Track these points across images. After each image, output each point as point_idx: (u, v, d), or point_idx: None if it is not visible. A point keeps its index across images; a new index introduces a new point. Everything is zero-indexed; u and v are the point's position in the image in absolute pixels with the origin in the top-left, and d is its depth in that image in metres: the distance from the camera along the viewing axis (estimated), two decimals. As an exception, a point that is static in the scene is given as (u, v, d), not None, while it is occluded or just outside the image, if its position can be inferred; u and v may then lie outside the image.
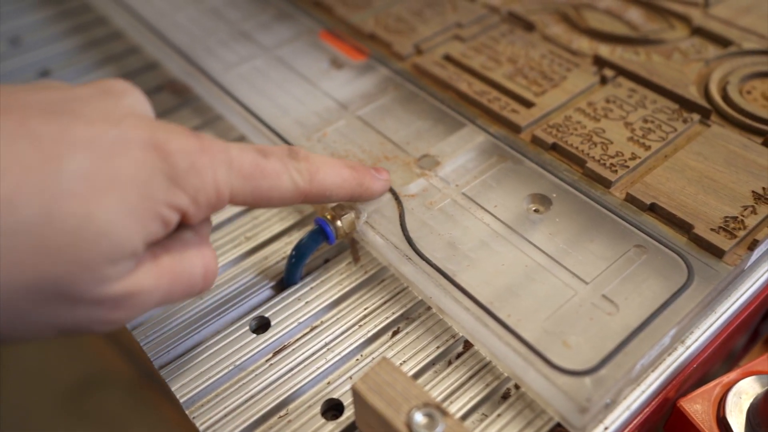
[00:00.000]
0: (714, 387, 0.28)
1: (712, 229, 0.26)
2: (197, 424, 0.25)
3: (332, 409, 0.26)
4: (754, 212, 0.27)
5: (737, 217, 0.27)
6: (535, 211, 0.29)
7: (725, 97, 0.32)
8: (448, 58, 0.36)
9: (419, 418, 0.21)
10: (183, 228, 0.22)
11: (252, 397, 0.26)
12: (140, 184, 0.19)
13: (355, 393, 0.22)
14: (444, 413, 0.22)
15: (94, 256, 0.18)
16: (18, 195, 0.17)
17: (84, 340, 1.11)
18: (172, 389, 0.26)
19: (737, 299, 0.28)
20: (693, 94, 0.32)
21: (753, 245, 0.26)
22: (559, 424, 0.24)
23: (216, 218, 0.32)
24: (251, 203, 0.24)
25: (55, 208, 0.18)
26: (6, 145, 0.17)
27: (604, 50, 0.36)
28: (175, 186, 0.20)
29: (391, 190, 0.29)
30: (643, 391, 0.25)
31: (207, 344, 0.27)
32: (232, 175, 0.22)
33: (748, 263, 0.27)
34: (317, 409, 0.25)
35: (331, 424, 0.25)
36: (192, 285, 0.22)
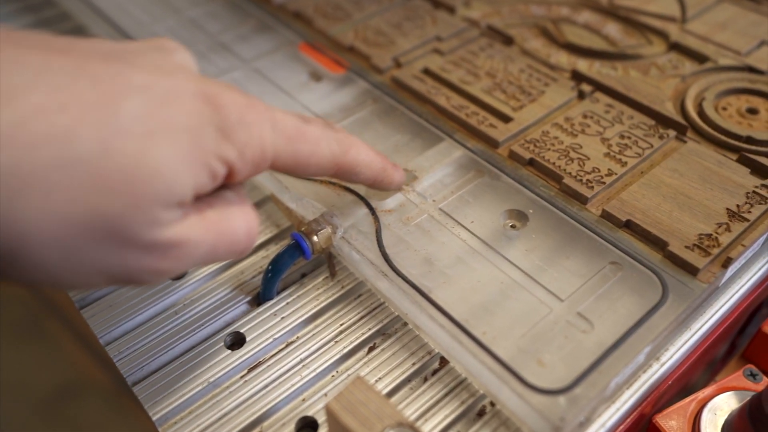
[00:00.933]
0: (689, 403, 0.28)
1: (686, 247, 0.26)
2: (169, 443, 0.25)
3: (307, 426, 0.25)
4: (728, 230, 0.27)
5: (711, 234, 0.27)
6: (511, 227, 0.29)
7: (701, 114, 0.33)
8: (427, 72, 0.36)
9: (392, 437, 0.21)
10: (225, 187, 0.22)
11: (226, 414, 0.25)
12: (192, 132, 0.20)
13: (329, 412, 0.22)
14: (416, 431, 0.21)
15: (147, 196, 0.19)
16: (77, 130, 0.17)
17: (60, 349, 1.09)
18: (145, 406, 0.25)
19: (711, 316, 0.28)
20: (669, 110, 0.33)
21: (727, 263, 0.26)
22: (533, 442, 0.24)
23: (192, 232, 0.32)
24: (291, 167, 0.24)
25: (111, 145, 0.18)
26: (66, 82, 0.18)
27: (583, 65, 0.36)
28: (225, 138, 0.21)
29: (368, 205, 0.29)
30: (618, 409, 0.25)
31: (181, 360, 0.27)
32: (276, 135, 0.22)
33: (723, 280, 0.27)
34: (292, 426, 0.25)
35: (306, 443, 0.25)
36: (236, 242, 0.22)
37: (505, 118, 0.33)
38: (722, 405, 0.28)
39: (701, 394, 0.28)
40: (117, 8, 0.42)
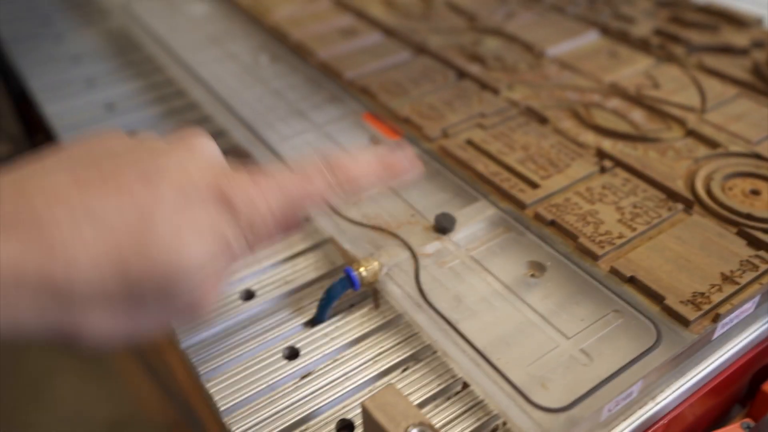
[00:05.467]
0: (686, 446, 0.32)
1: (681, 302, 0.31)
2: (234, 430, 0.30)
3: (345, 428, 0.30)
4: (720, 290, 0.31)
5: (705, 293, 0.31)
6: (531, 275, 0.34)
7: (708, 192, 0.37)
8: (469, 143, 0.42)
9: (415, 433, 0.26)
10: None
11: (279, 411, 0.30)
12: (211, 230, 0.25)
13: (364, 409, 0.27)
14: (434, 431, 0.26)
15: (178, 278, 0.24)
16: (124, 251, 0.23)
17: (121, 381, 1.15)
18: (215, 399, 0.31)
19: (706, 367, 0.32)
20: (680, 187, 0.37)
21: (716, 318, 0.30)
22: (536, 457, 0.28)
23: (263, 263, 0.38)
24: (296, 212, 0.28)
25: (150, 253, 0.23)
26: (111, 212, 0.23)
27: (607, 144, 0.41)
28: (237, 225, 0.26)
29: (410, 249, 0.35)
30: (614, 437, 0.29)
31: (247, 365, 0.32)
32: (280, 198, 0.27)
33: (715, 335, 0.31)
34: (333, 426, 0.30)
35: (343, 440, 0.29)
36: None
37: (534, 185, 0.38)
38: (715, 450, 0.31)
39: (697, 440, 0.32)
40: (215, 77, 0.51)
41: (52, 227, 0.22)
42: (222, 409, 0.31)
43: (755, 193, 0.37)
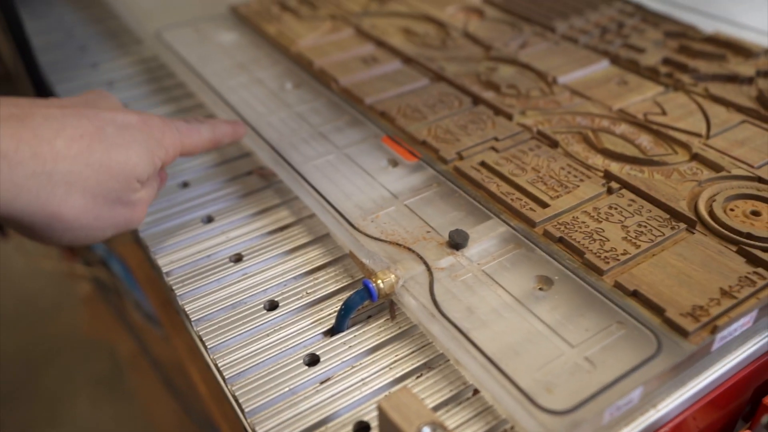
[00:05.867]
0: (688, 454, 0.33)
1: (681, 314, 0.32)
2: (258, 430, 0.32)
3: (362, 429, 0.32)
4: (718, 304, 0.33)
5: (703, 306, 0.33)
6: (539, 289, 0.36)
7: (710, 213, 0.39)
8: (483, 164, 0.44)
9: (426, 431, 0.28)
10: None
11: (300, 413, 0.32)
12: (144, 144, 0.37)
13: (380, 409, 0.29)
14: (446, 430, 0.28)
15: (130, 177, 0.36)
16: (91, 146, 0.34)
17: (139, 404, 1.17)
18: (240, 400, 0.33)
19: (706, 378, 0.33)
20: (683, 207, 0.39)
21: (714, 330, 0.32)
22: (542, 459, 0.30)
23: (286, 275, 0.40)
24: (191, 150, 0.41)
25: (109, 153, 0.35)
26: (77, 123, 0.34)
27: (615, 167, 0.43)
28: (159, 145, 0.38)
29: (425, 263, 0.37)
30: (616, 441, 0.30)
31: (269, 370, 0.34)
32: (179, 135, 0.40)
33: (714, 347, 0.33)
34: (350, 427, 0.32)
35: (360, 440, 0.31)
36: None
37: (543, 204, 0.40)
38: (716, 459, 0.33)
39: (699, 449, 0.33)
40: (242, 102, 0.54)
41: (39, 128, 0.32)
42: (247, 410, 0.33)
43: (756, 214, 0.39)
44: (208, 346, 0.36)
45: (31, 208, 0.32)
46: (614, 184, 0.42)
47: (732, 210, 0.39)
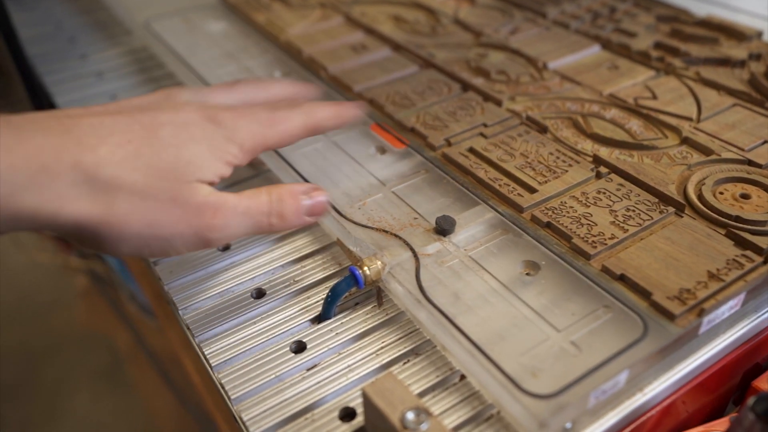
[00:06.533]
0: (677, 438, 0.33)
1: (668, 297, 0.32)
2: (243, 416, 0.32)
3: (348, 416, 0.32)
4: (705, 287, 0.33)
5: (690, 289, 0.33)
6: (527, 274, 0.35)
7: (700, 196, 0.39)
8: (471, 150, 0.44)
9: (410, 416, 0.28)
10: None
11: (286, 400, 0.32)
12: (208, 140, 0.33)
13: (364, 395, 0.29)
14: (430, 415, 0.28)
15: (187, 176, 0.32)
16: (139, 150, 0.31)
17: (139, 397, 1.17)
18: (226, 388, 0.33)
19: (693, 361, 0.33)
20: (672, 191, 0.39)
21: (701, 313, 0.32)
22: (527, 443, 0.30)
23: (273, 264, 0.40)
24: (278, 143, 0.37)
25: (159, 154, 0.32)
26: (127, 128, 0.32)
27: (604, 152, 0.43)
28: (228, 140, 0.34)
29: (411, 249, 0.37)
30: (602, 425, 0.30)
31: (256, 357, 0.34)
32: (259, 127, 0.36)
33: (701, 330, 0.33)
34: (336, 413, 0.32)
35: (345, 426, 0.31)
36: (263, 211, 0.35)
37: (531, 190, 0.40)
38: (705, 442, 0.33)
39: (688, 432, 0.33)
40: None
41: (85, 136, 0.31)
42: (233, 397, 0.33)
43: (745, 197, 0.39)
44: (195, 335, 0.36)
45: (75, 217, 0.30)
46: (603, 169, 0.41)
47: (721, 193, 0.39)
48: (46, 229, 0.30)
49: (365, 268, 0.35)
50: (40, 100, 0.72)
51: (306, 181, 0.43)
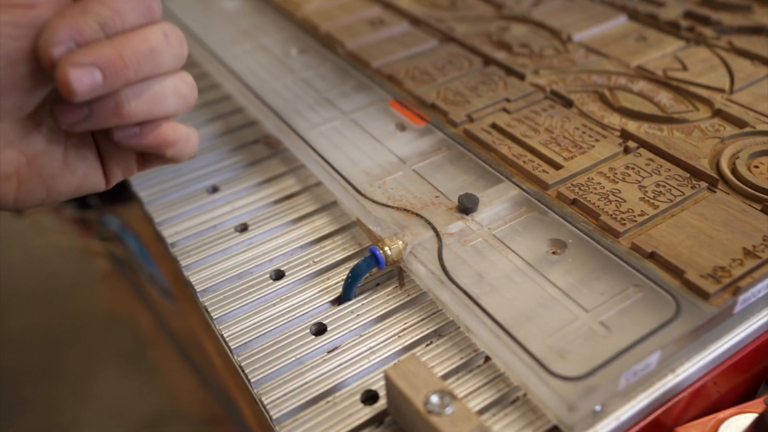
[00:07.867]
0: (710, 420, 0.32)
1: (701, 276, 0.31)
2: (264, 400, 0.31)
3: (370, 399, 0.31)
4: (741, 264, 0.31)
5: (725, 267, 0.31)
6: (553, 253, 0.34)
7: (733, 170, 0.37)
8: (494, 126, 0.42)
9: (435, 399, 0.27)
10: None
11: (307, 383, 0.32)
12: None
13: (387, 378, 0.28)
14: (454, 398, 0.27)
15: None
16: None
17: (161, 378, 1.18)
18: (246, 371, 0.32)
19: (728, 341, 0.32)
20: (704, 165, 0.37)
21: (736, 291, 0.30)
22: (555, 427, 0.29)
23: (292, 245, 0.39)
24: None
25: None
26: None
27: (632, 126, 0.42)
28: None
29: (433, 228, 0.36)
30: (633, 407, 0.29)
31: (276, 340, 0.34)
32: None
33: (736, 309, 0.31)
34: (358, 396, 0.31)
35: (368, 409, 0.31)
36: None
37: (557, 166, 0.38)
38: (739, 425, 0.31)
39: (722, 414, 0.32)
40: (247, 69, 0.52)
41: None
42: (253, 380, 0.32)
43: (782, 170, 0.37)
44: (214, 317, 0.35)
45: None
46: (631, 143, 0.40)
47: (756, 167, 0.37)
48: None
49: (386, 248, 0.34)
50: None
51: (325, 161, 0.42)
